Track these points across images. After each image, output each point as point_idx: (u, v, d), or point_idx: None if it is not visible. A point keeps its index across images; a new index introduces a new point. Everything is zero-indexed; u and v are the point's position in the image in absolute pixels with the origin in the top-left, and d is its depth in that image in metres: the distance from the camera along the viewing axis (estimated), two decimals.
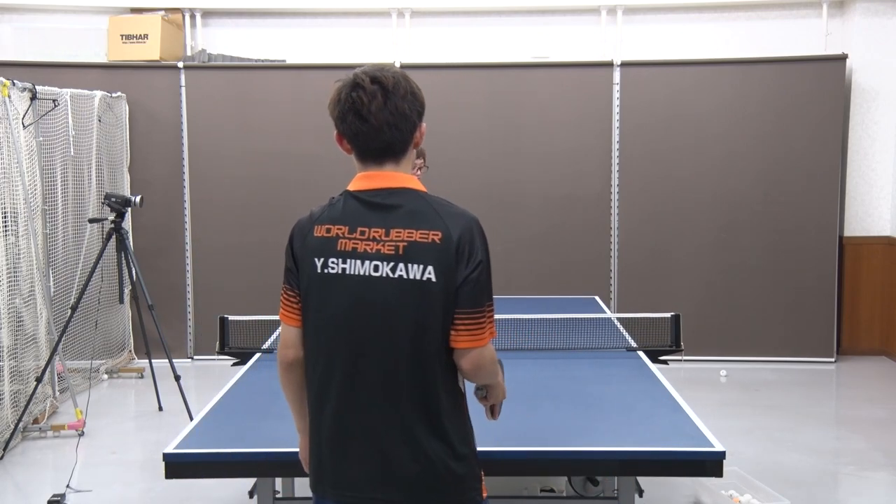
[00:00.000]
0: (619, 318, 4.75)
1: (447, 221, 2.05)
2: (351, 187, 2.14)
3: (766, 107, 7.31)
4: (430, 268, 2.02)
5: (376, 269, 2.04)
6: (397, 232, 2.04)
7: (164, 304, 6.82)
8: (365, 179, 2.12)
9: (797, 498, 4.42)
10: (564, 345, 4.15)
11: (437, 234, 2.03)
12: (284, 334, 2.21)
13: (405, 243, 2.03)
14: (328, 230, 2.09)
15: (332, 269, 2.08)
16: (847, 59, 7.31)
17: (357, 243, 2.06)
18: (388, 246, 2.04)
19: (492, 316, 2.10)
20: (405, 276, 2.03)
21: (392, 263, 2.03)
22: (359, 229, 2.07)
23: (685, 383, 5.30)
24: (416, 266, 2.02)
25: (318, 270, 2.09)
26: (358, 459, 2.10)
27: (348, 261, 2.07)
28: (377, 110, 2.04)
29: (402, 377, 2.06)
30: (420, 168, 5.31)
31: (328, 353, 2.11)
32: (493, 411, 2.34)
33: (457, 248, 2.03)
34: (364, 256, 2.05)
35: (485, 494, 2.20)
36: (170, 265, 7.50)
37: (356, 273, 2.06)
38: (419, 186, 2.12)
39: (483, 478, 2.21)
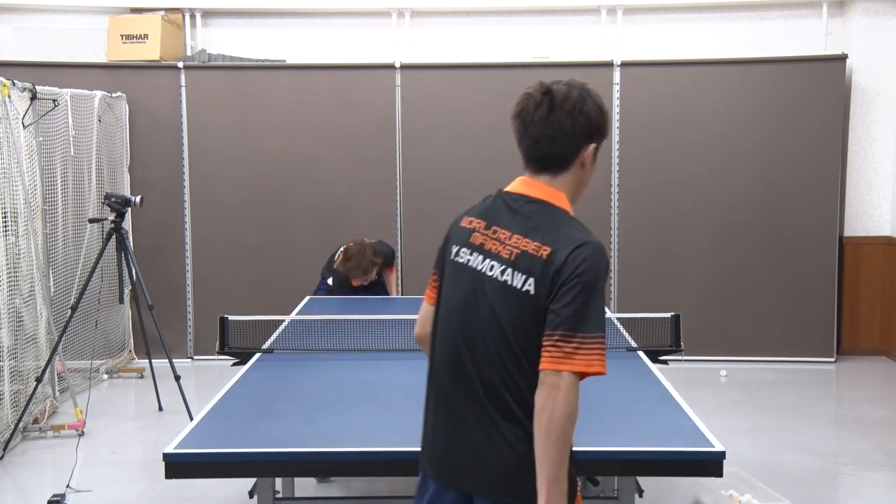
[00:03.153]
0: (619, 318, 4.74)
1: (563, 240, 2.06)
2: (506, 188, 2.22)
3: (766, 107, 7.31)
4: (531, 279, 2.06)
5: (491, 268, 2.13)
6: (517, 238, 2.11)
7: (164, 304, 6.82)
8: (518, 183, 2.21)
9: (797, 498, 4.42)
10: None
11: (547, 250, 2.06)
12: (421, 311, 2.37)
13: (518, 251, 2.09)
14: (470, 222, 2.22)
15: (462, 258, 2.20)
16: (847, 59, 7.30)
17: (486, 240, 2.16)
18: (507, 249, 2.12)
19: (591, 348, 2.02)
20: (509, 282, 2.09)
21: (503, 267, 2.11)
22: (493, 228, 2.17)
23: (685, 383, 5.29)
24: (520, 275, 2.07)
25: (452, 257, 2.23)
26: (444, 440, 2.19)
27: (475, 254, 2.17)
28: (538, 120, 2.12)
29: (492, 376, 2.10)
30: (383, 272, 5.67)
31: (444, 334, 2.22)
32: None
33: (560, 267, 2.03)
34: (487, 254, 2.15)
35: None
36: (170, 265, 7.50)
37: (476, 267, 2.16)
38: (562, 204, 2.14)
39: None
